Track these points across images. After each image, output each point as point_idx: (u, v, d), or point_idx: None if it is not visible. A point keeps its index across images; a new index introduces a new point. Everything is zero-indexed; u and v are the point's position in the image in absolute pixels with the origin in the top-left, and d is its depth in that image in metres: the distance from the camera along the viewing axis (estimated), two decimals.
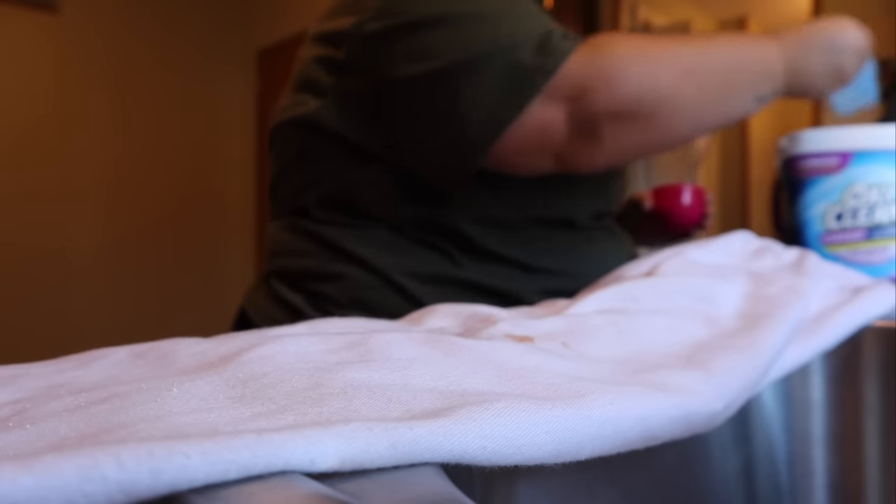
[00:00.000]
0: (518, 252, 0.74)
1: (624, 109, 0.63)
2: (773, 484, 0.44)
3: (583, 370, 0.30)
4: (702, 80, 0.64)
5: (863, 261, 0.68)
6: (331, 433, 0.20)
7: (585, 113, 0.64)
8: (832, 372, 0.46)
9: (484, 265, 0.73)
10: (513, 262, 0.74)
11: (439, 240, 0.73)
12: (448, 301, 0.69)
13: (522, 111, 0.63)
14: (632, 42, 0.64)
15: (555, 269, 0.75)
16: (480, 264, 0.73)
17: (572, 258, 0.76)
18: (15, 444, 0.20)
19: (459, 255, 0.72)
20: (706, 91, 0.65)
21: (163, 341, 0.33)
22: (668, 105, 0.64)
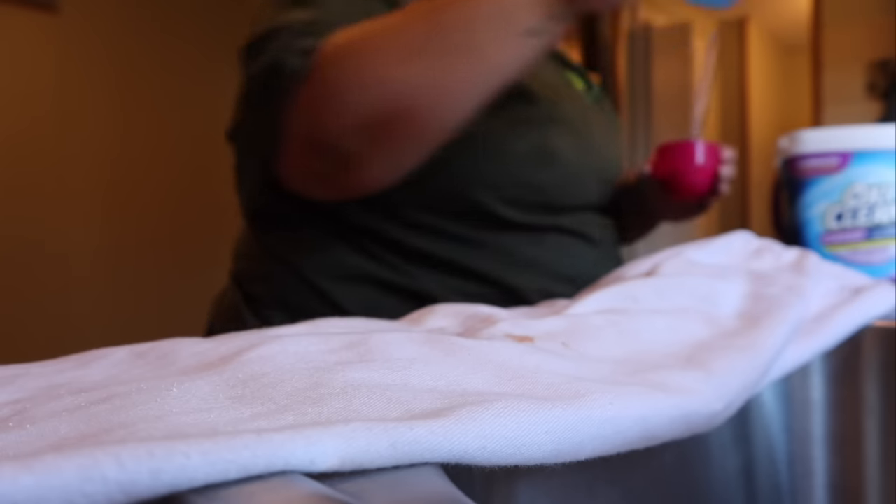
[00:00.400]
0: (446, 252, 0.68)
1: (361, 128, 0.57)
2: (773, 484, 0.44)
3: (583, 370, 0.30)
4: (436, 50, 0.55)
5: (863, 261, 0.68)
6: (331, 433, 0.20)
7: (321, 145, 0.59)
8: (832, 372, 0.46)
9: (406, 266, 0.68)
10: (435, 264, 0.68)
11: (359, 238, 0.69)
12: (366, 301, 0.67)
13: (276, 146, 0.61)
14: (351, 48, 0.57)
15: (482, 273, 0.68)
16: (402, 265, 0.68)
17: (505, 263, 0.69)
18: (15, 444, 0.20)
19: (382, 255, 0.68)
20: (448, 59, 0.55)
21: (163, 341, 0.33)
22: (410, 97, 0.56)
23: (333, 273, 0.69)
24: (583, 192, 0.74)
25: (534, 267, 0.70)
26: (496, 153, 0.67)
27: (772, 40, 4.86)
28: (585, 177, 0.74)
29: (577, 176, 0.73)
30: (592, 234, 0.76)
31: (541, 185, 0.69)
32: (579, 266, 0.73)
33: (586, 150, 0.74)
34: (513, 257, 0.69)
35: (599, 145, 0.78)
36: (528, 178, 0.68)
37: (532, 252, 0.70)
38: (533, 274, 0.69)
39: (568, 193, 0.72)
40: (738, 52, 4.50)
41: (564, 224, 0.72)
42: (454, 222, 0.68)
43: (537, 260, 0.70)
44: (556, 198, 0.71)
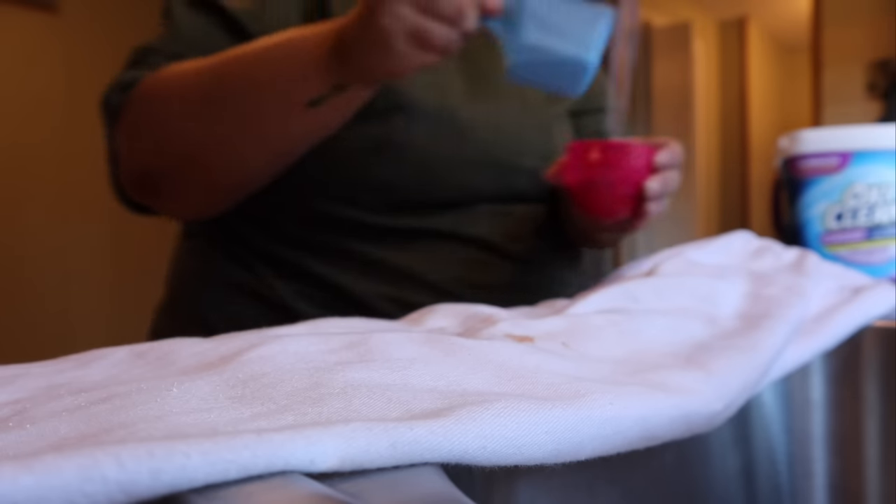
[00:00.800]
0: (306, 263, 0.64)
1: (161, 167, 0.58)
2: (773, 484, 0.44)
3: (583, 370, 0.30)
4: (224, 111, 0.55)
5: (863, 261, 0.68)
6: (331, 433, 0.20)
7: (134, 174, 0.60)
8: (832, 372, 0.46)
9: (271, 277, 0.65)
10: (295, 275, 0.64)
11: (236, 248, 0.67)
12: (246, 315, 0.64)
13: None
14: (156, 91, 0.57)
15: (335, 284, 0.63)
16: (269, 276, 0.65)
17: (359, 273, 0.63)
18: (15, 444, 0.20)
19: (252, 265, 0.66)
20: (233, 122, 0.55)
21: (163, 341, 0.33)
22: (197, 150, 0.56)
23: (207, 281, 0.68)
24: (457, 184, 0.64)
25: (393, 275, 0.63)
26: (325, 151, 0.60)
27: (772, 40, 4.86)
28: (458, 168, 0.64)
29: (440, 168, 0.63)
30: (477, 235, 0.65)
31: (386, 183, 0.62)
32: (451, 272, 0.64)
33: (457, 136, 0.64)
34: (370, 266, 0.63)
35: (496, 125, 0.66)
36: (366, 175, 0.62)
37: (397, 260, 0.63)
38: (389, 283, 0.63)
39: (428, 189, 0.63)
40: (738, 52, 4.50)
41: (436, 225, 0.64)
42: (314, 231, 0.64)
43: (399, 268, 0.63)
44: (412, 195, 0.63)
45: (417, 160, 0.62)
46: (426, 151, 0.63)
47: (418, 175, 0.63)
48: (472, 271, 0.65)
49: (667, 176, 0.58)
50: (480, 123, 0.65)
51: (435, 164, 0.63)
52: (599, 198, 0.58)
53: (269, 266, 0.65)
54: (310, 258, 0.64)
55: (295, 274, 0.64)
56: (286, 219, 0.64)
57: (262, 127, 0.55)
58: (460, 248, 0.65)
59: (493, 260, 0.66)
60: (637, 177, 0.56)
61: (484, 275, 0.65)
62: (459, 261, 0.65)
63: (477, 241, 0.66)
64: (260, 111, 0.54)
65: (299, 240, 0.64)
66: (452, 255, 0.65)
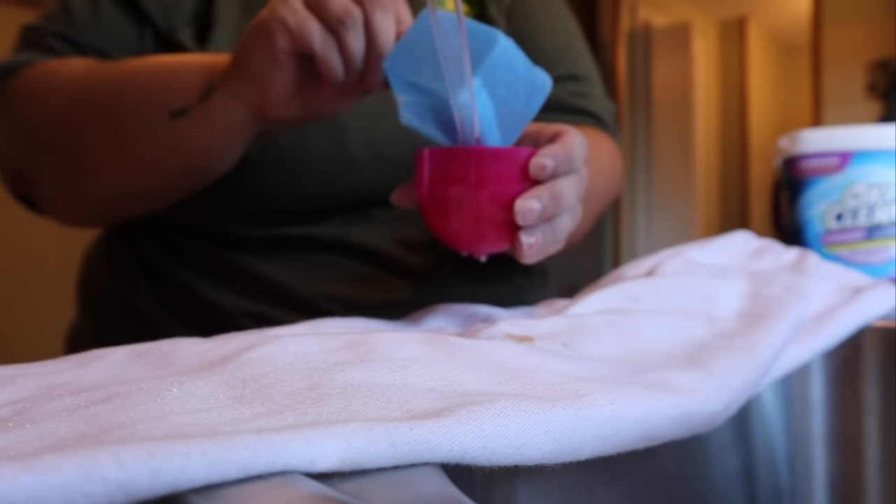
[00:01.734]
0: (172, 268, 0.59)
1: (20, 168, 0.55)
2: (773, 484, 0.44)
3: (583, 370, 0.30)
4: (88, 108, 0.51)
5: (863, 261, 0.68)
6: (331, 433, 0.20)
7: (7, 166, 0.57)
8: (832, 372, 0.46)
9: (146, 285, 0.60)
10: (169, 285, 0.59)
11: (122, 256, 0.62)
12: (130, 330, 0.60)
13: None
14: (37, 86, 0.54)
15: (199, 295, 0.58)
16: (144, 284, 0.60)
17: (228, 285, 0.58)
18: (15, 444, 0.20)
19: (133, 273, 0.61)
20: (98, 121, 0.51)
21: (163, 341, 0.33)
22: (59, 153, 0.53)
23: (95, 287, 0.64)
24: (337, 189, 0.56)
25: (257, 288, 0.57)
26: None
27: (772, 40, 4.86)
28: (335, 169, 0.56)
29: (312, 172, 0.55)
30: (364, 244, 0.57)
31: (246, 193, 0.55)
32: (329, 288, 0.56)
33: (332, 132, 0.56)
34: (232, 275, 0.58)
35: (382, 116, 0.57)
36: (219, 183, 0.53)
37: (262, 271, 0.57)
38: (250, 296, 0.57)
39: (297, 197, 0.56)
40: (738, 52, 4.50)
41: (315, 233, 0.57)
42: (180, 234, 0.59)
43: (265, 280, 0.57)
44: (278, 204, 0.56)
45: (283, 165, 0.54)
46: (294, 154, 0.55)
47: (286, 181, 0.55)
48: (358, 288, 0.57)
49: (554, 189, 0.41)
50: (361, 115, 0.56)
51: (305, 168, 0.55)
52: (457, 223, 0.42)
53: (142, 272, 0.60)
54: (175, 263, 0.59)
55: (162, 280, 0.59)
56: (158, 220, 0.59)
57: (127, 139, 0.50)
58: (343, 259, 0.57)
59: (384, 275, 0.57)
60: (506, 192, 0.40)
61: (371, 292, 0.57)
62: (341, 275, 0.57)
63: (365, 252, 0.57)
64: (123, 121, 0.50)
65: (170, 243, 0.60)
66: (333, 267, 0.57)
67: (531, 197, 0.40)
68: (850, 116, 3.11)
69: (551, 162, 0.40)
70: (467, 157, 0.41)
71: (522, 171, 0.40)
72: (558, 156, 0.41)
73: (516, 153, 0.41)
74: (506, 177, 0.40)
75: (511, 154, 0.41)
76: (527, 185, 0.41)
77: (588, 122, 0.67)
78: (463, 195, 0.41)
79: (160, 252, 0.60)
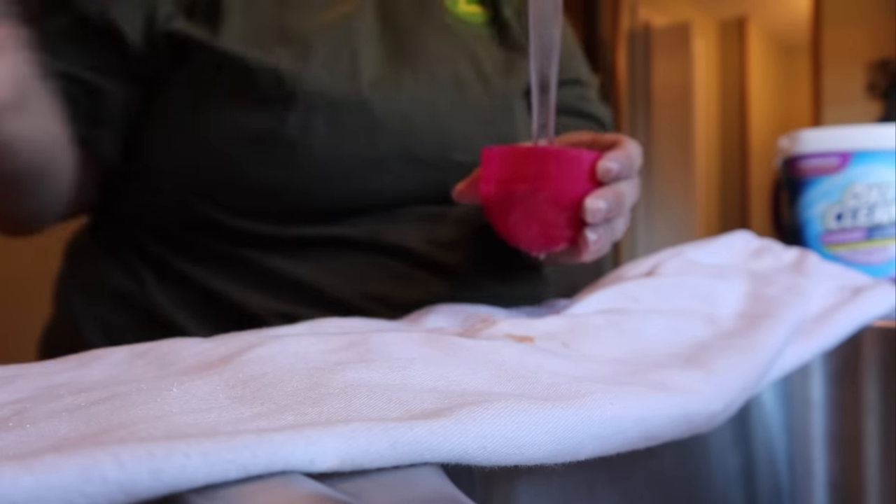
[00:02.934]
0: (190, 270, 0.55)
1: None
2: (773, 484, 0.44)
3: (583, 370, 0.30)
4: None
5: (863, 261, 0.68)
6: (331, 433, 0.20)
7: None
8: (832, 372, 0.46)
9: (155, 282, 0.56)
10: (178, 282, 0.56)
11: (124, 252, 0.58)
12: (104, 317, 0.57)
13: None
14: None
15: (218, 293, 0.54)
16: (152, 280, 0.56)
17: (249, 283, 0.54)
18: (15, 444, 0.20)
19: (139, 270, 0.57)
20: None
21: (163, 341, 0.33)
22: None
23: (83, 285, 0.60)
24: (370, 188, 0.54)
25: (288, 289, 0.54)
26: (201, 148, 0.51)
27: (772, 40, 4.86)
28: (368, 169, 0.53)
29: (344, 170, 0.52)
30: (398, 243, 0.55)
31: (270, 188, 0.52)
32: (362, 287, 0.54)
33: (367, 130, 0.53)
34: (261, 276, 0.54)
35: (418, 115, 0.54)
36: (240, 176, 0.51)
37: (294, 271, 0.54)
38: (282, 297, 0.54)
39: (327, 196, 0.53)
40: (738, 52, 4.50)
41: (347, 233, 0.54)
42: (195, 233, 0.55)
43: (296, 280, 0.54)
44: (307, 202, 0.53)
45: (316, 166, 0.51)
46: (327, 155, 0.51)
47: (318, 182, 0.52)
48: (391, 287, 0.55)
49: (617, 191, 0.43)
50: (398, 114, 0.53)
51: (338, 169, 0.52)
52: (521, 221, 0.44)
53: (150, 271, 0.56)
54: (188, 262, 0.55)
55: (174, 279, 0.55)
56: (163, 217, 0.56)
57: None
58: (378, 259, 0.55)
59: (418, 273, 0.56)
60: (572, 192, 0.42)
61: (406, 291, 0.55)
62: (376, 274, 0.55)
63: (399, 251, 0.55)
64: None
65: (181, 242, 0.55)
66: (367, 267, 0.55)
67: (599, 197, 0.42)
68: (850, 116, 3.11)
69: (616, 165, 0.43)
70: (537, 156, 0.43)
71: (589, 173, 0.43)
72: (622, 160, 0.43)
73: (583, 155, 0.43)
74: (573, 178, 0.43)
75: (579, 156, 0.43)
76: (591, 186, 0.43)
77: (595, 126, 0.69)
78: (531, 194, 0.43)
79: (173, 251, 0.56)
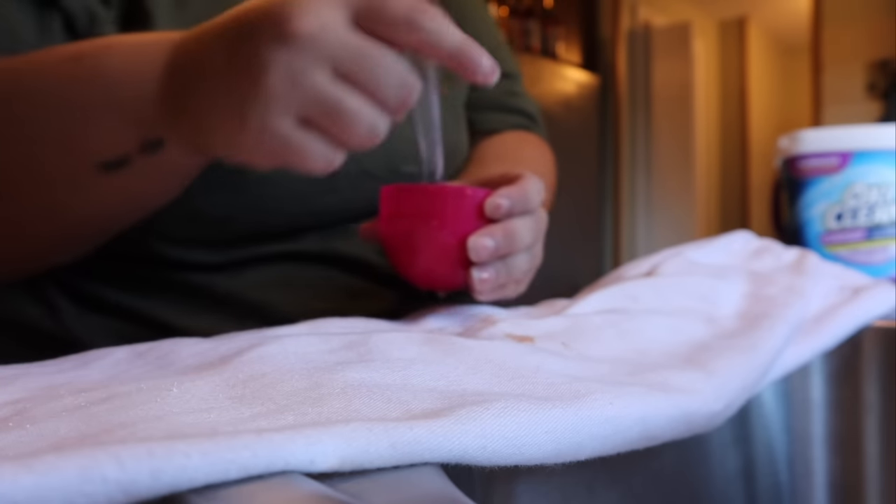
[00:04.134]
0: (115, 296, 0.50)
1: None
2: (773, 484, 0.44)
3: (583, 370, 0.30)
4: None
5: (863, 261, 0.68)
6: (331, 433, 0.20)
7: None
8: (832, 372, 0.46)
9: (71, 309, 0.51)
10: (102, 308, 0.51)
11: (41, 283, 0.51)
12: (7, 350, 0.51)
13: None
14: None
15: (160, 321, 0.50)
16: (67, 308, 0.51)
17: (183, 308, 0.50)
18: (15, 444, 0.20)
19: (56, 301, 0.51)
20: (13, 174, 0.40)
21: (163, 341, 0.33)
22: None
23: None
24: (317, 208, 0.51)
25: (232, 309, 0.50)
26: None
27: (772, 40, 4.86)
28: (315, 188, 0.50)
29: (290, 192, 0.49)
30: (351, 254, 0.53)
31: (215, 217, 0.47)
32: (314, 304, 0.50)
33: None
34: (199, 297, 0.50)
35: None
36: (191, 206, 0.46)
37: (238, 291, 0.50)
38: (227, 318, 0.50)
39: (274, 218, 0.50)
40: (738, 52, 4.50)
41: (297, 247, 0.52)
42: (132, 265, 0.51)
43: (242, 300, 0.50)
44: (251, 228, 0.49)
45: (262, 186, 0.47)
46: (275, 176, 0.47)
47: (263, 204, 0.48)
48: (343, 301, 0.52)
49: (508, 228, 0.41)
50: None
51: (285, 189, 0.48)
52: (410, 258, 0.43)
53: (66, 298, 0.51)
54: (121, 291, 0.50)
55: (103, 311, 0.50)
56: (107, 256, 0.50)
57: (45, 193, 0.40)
58: (329, 272, 0.52)
59: (373, 287, 0.53)
60: (459, 230, 0.42)
61: (361, 305, 0.51)
62: (327, 289, 0.52)
63: (352, 264, 0.52)
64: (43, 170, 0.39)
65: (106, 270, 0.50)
66: (318, 282, 0.52)
67: (484, 234, 0.41)
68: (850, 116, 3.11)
69: (506, 202, 0.41)
70: (424, 194, 0.42)
71: (479, 210, 0.42)
72: (514, 196, 0.41)
73: (473, 193, 0.42)
74: (462, 215, 0.42)
75: (468, 193, 0.42)
76: (480, 223, 0.42)
77: (523, 121, 0.69)
78: (420, 232, 0.42)
79: (96, 282, 0.50)
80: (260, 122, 0.33)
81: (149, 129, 0.37)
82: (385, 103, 0.34)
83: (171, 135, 0.37)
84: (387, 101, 0.34)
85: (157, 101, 0.37)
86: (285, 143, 0.34)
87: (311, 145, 0.34)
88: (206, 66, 0.35)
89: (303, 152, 0.34)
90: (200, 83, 0.35)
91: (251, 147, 0.34)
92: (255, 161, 0.36)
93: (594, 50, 3.73)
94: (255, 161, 0.36)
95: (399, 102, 0.34)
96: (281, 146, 0.34)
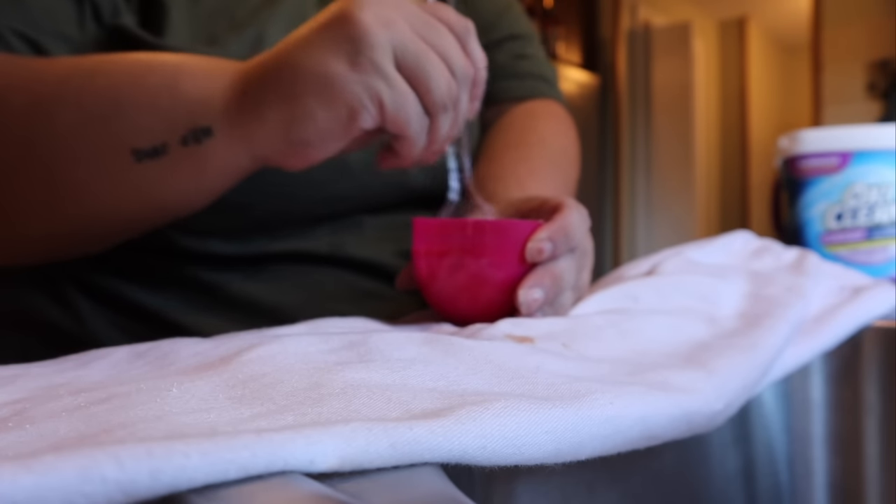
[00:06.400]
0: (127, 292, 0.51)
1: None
2: (773, 484, 0.44)
3: (583, 370, 0.30)
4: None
5: (863, 261, 0.68)
6: (330, 433, 0.20)
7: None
8: (832, 372, 0.46)
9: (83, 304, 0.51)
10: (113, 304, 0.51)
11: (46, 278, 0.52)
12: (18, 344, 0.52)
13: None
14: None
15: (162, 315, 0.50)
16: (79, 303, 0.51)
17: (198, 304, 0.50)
18: (15, 444, 0.20)
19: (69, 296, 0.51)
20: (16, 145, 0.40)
21: (163, 341, 0.33)
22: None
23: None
24: (327, 196, 0.51)
25: (243, 311, 0.50)
26: None
27: (772, 40, 4.87)
28: (325, 177, 0.50)
29: (298, 180, 0.49)
30: (362, 256, 0.52)
31: (229, 202, 0.47)
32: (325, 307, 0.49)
33: None
34: (212, 298, 0.50)
35: None
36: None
37: (248, 292, 0.50)
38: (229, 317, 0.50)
39: (287, 205, 0.50)
40: (738, 52, 4.50)
41: (304, 247, 0.51)
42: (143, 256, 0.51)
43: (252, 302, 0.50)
44: (264, 215, 0.49)
45: (279, 172, 0.45)
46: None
47: (279, 189, 0.48)
48: (356, 305, 0.50)
49: (554, 273, 0.39)
50: None
51: (301, 174, 0.47)
52: (454, 302, 0.41)
53: (81, 294, 0.51)
54: (131, 285, 0.50)
55: (112, 304, 0.51)
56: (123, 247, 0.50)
57: (59, 173, 0.40)
58: (342, 274, 0.51)
59: (385, 289, 0.52)
60: (507, 272, 0.39)
61: (378, 309, 0.50)
62: (341, 292, 0.51)
63: (367, 267, 0.52)
64: (55, 148, 0.40)
65: (120, 262, 0.50)
66: (331, 284, 0.51)
67: (534, 286, 0.38)
68: (850, 116, 3.12)
69: (549, 245, 0.39)
70: (467, 228, 0.39)
71: (524, 246, 0.39)
72: (556, 238, 0.39)
73: (517, 228, 0.39)
74: (507, 251, 0.39)
75: (512, 230, 0.39)
76: (527, 265, 0.39)
77: (536, 85, 0.65)
78: (460, 267, 0.39)
79: (110, 276, 0.51)
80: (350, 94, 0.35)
81: (200, 118, 0.38)
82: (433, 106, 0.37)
83: (224, 125, 0.38)
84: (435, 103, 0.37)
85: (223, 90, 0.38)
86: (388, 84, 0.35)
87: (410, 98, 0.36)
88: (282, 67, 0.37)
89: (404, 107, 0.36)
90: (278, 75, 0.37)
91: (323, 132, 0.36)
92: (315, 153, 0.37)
93: (594, 50, 3.73)
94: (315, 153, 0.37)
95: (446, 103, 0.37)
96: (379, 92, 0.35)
